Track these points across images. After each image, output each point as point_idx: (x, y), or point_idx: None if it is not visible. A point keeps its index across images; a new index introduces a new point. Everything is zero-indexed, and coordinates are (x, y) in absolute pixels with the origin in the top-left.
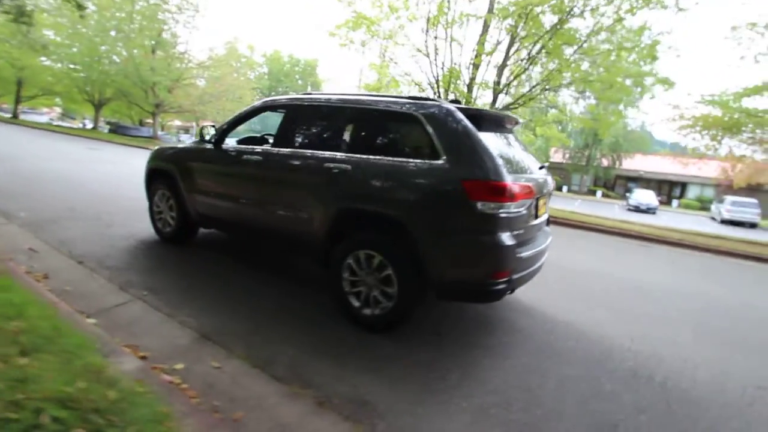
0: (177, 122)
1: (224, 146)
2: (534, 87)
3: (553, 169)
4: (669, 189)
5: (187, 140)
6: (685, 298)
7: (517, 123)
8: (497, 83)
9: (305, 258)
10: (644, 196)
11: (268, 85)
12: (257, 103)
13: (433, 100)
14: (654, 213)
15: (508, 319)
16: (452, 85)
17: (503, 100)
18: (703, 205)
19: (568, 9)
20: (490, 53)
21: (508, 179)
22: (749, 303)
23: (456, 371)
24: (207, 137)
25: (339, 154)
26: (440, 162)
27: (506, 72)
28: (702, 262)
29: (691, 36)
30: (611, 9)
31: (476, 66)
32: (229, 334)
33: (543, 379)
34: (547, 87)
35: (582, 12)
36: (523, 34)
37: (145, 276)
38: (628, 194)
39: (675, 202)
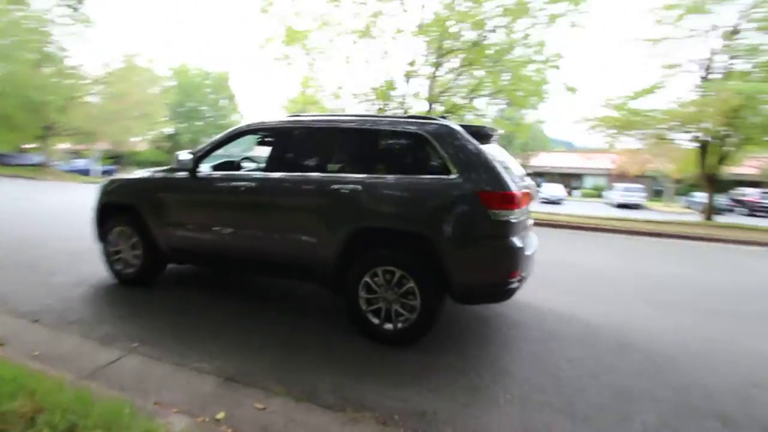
0: (65, 146)
1: (202, 173)
2: (467, 96)
3: None
4: (569, 181)
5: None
6: (629, 277)
7: (497, 134)
8: (432, 94)
9: (307, 283)
10: (553, 189)
11: (177, 100)
12: (240, 126)
13: (433, 118)
14: (561, 203)
15: (502, 314)
16: (387, 97)
17: (436, 109)
18: (599, 193)
19: (483, 26)
20: (411, 66)
21: (515, 188)
22: (678, 273)
23: (486, 369)
24: (181, 165)
25: (347, 176)
26: (453, 177)
27: (438, 83)
28: (624, 244)
29: (596, 45)
30: (521, 26)
31: (408, 78)
32: (253, 372)
33: (557, 363)
34: (473, 96)
35: (494, 29)
36: (447, 47)
37: (123, 325)
38: (538, 188)
39: (577, 192)
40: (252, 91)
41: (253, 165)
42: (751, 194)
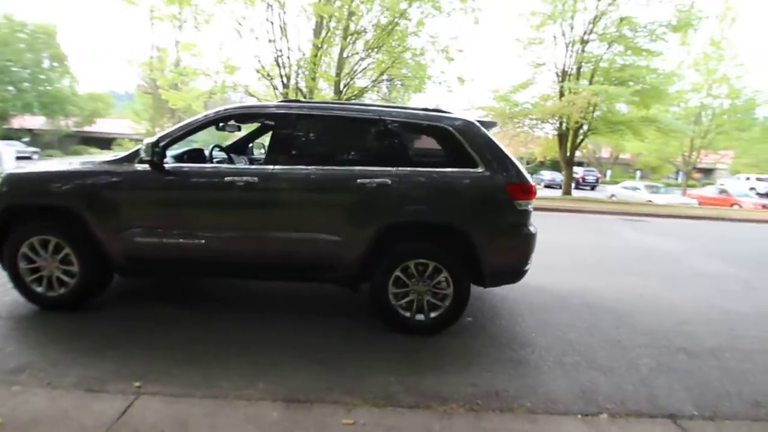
0: None
1: (174, 166)
2: (376, 80)
3: None
4: None
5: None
6: (575, 249)
7: (497, 126)
8: (338, 74)
9: (324, 283)
10: None
11: None
12: (219, 110)
13: (447, 112)
14: None
15: (497, 294)
16: (299, 75)
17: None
18: None
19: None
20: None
21: (531, 180)
22: (568, 241)
23: (514, 343)
24: (143, 155)
25: (374, 169)
26: (480, 170)
27: (346, 65)
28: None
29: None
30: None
31: (315, 58)
32: (311, 389)
33: (561, 330)
34: (379, 80)
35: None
36: (352, 28)
37: (100, 363)
38: None
39: None
40: (90, 51)
41: (224, 155)
42: (577, 172)
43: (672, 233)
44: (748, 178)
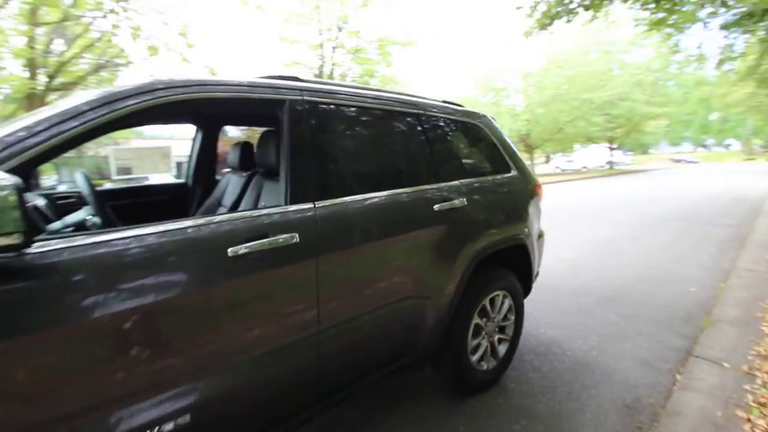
0: None
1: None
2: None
3: None
4: None
5: None
6: None
7: None
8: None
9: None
10: None
11: None
12: (154, 86)
13: (460, 104)
14: None
15: None
16: None
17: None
18: None
19: None
20: None
21: None
22: None
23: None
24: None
25: (441, 185)
26: (515, 173)
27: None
28: None
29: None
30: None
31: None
32: None
33: (565, 304)
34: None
35: None
36: None
37: None
38: None
39: None
40: None
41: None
42: None
43: None
44: None
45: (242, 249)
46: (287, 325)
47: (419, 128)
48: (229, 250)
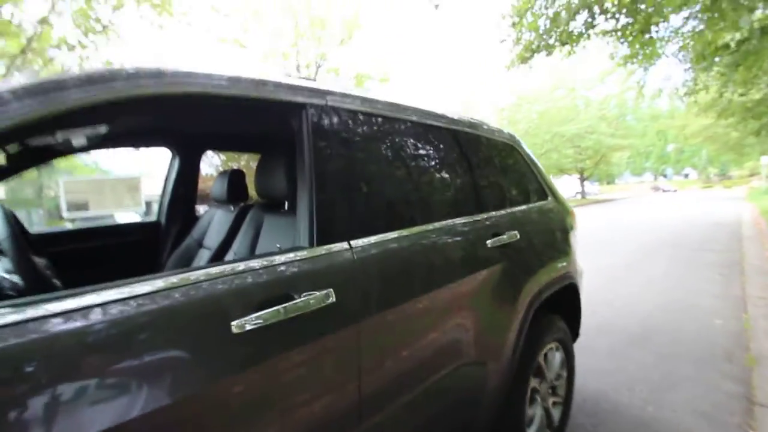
0: None
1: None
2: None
3: None
4: None
5: None
6: None
7: None
8: None
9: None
10: None
11: None
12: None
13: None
14: None
15: None
16: None
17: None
18: None
19: None
20: None
21: None
22: None
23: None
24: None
25: (490, 215)
26: (552, 200)
27: None
28: None
29: None
30: None
31: None
32: None
33: (595, 345)
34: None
35: None
36: None
37: None
38: None
39: None
40: None
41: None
42: None
43: None
44: None
45: (252, 320)
46: (315, 421)
47: (457, 147)
48: (233, 324)
